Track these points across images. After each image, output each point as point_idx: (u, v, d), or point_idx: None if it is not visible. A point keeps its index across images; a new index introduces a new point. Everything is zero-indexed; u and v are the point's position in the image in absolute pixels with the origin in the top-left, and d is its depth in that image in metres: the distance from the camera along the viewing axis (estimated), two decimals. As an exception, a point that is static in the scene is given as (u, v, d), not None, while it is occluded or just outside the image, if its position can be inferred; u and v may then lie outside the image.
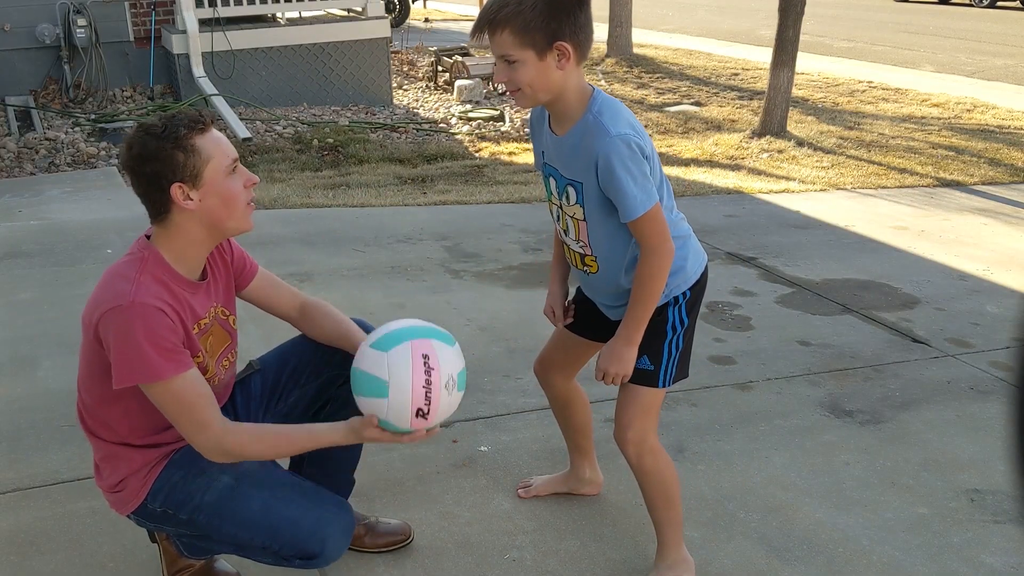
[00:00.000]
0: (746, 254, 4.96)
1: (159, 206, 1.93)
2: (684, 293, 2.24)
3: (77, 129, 7.67)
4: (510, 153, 7.83)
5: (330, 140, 7.71)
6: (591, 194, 2.07)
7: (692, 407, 3.26)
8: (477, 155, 7.74)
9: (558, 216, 2.21)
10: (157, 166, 1.88)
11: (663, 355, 2.22)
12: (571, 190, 2.12)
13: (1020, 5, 23.46)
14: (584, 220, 2.13)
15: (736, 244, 5.12)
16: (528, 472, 2.83)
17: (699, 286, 2.28)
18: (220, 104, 8.05)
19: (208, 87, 8.22)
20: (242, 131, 7.62)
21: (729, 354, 3.71)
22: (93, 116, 8.11)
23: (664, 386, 2.25)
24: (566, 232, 2.21)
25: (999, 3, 23.66)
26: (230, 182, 1.95)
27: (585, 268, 2.22)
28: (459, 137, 8.31)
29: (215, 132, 1.95)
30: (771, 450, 3.00)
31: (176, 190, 1.90)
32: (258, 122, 8.16)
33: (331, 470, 2.31)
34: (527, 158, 7.64)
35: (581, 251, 2.20)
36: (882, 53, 14.10)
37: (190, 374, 1.89)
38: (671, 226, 2.12)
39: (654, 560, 2.36)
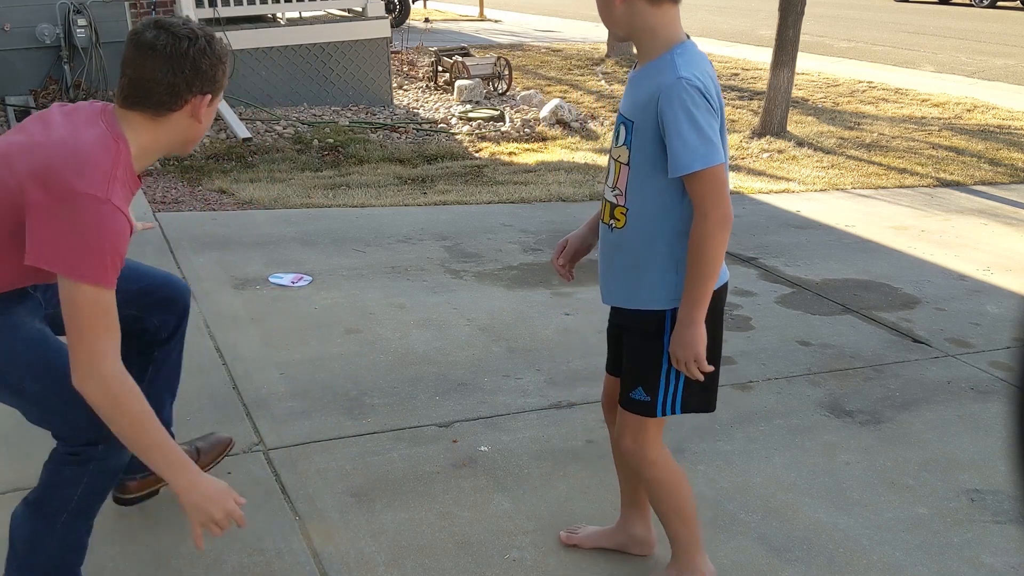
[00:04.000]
0: (746, 254, 4.96)
1: (171, 102, 1.90)
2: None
3: (77, 129, 7.66)
4: (510, 153, 7.83)
5: (330, 140, 7.71)
6: (641, 136, 1.95)
7: (692, 407, 3.26)
8: (477, 155, 7.74)
9: (610, 166, 2.10)
10: (206, 68, 1.91)
11: (659, 384, 2.08)
12: (623, 129, 2.01)
13: (1020, 5, 23.47)
14: (627, 164, 1.99)
15: (736, 244, 5.12)
16: (528, 472, 2.83)
17: (716, 300, 2.06)
18: (220, 104, 8.04)
19: (208, 87, 8.22)
20: (242, 131, 7.62)
21: (729, 354, 3.71)
22: (93, 116, 8.09)
23: (667, 414, 2.12)
24: (606, 179, 2.09)
25: (999, 3, 23.67)
26: (210, 118, 2.02)
27: (612, 222, 2.06)
28: (459, 137, 8.31)
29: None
30: (771, 450, 3.00)
31: (199, 99, 1.93)
32: (258, 122, 8.16)
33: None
34: (527, 158, 7.64)
35: (614, 200, 2.05)
36: (882, 53, 14.10)
37: (113, 293, 1.84)
38: (684, 222, 1.97)
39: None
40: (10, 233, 1.83)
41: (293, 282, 4.18)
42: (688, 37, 1.99)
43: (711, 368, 2.02)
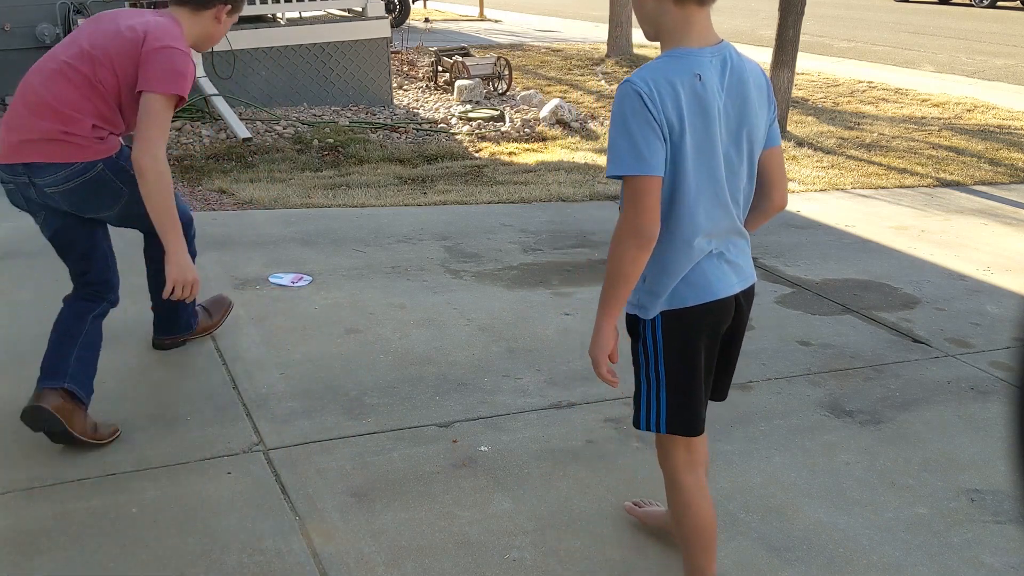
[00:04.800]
0: (746, 254, 4.96)
1: (204, 4, 2.91)
2: (658, 317, 1.99)
3: (77, 129, 7.67)
4: (510, 153, 7.83)
5: (330, 140, 7.71)
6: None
7: (692, 407, 3.26)
8: (477, 155, 7.74)
9: None
10: None
11: (640, 390, 2.05)
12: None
13: (1020, 5, 23.47)
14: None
15: (736, 244, 5.11)
16: (528, 472, 2.83)
17: (688, 318, 1.99)
18: (220, 104, 8.04)
19: (208, 87, 8.22)
20: (242, 131, 7.61)
21: (729, 354, 3.71)
22: (93, 116, 8.10)
23: (647, 430, 2.07)
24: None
25: (999, 3, 23.68)
26: (225, 30, 3.03)
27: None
28: (459, 137, 8.31)
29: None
30: (771, 450, 3.00)
31: (222, 7, 2.94)
32: (258, 122, 8.16)
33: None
34: (527, 158, 7.64)
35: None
36: (882, 53, 14.11)
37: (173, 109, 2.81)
38: (681, 222, 1.92)
39: None
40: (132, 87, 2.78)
41: (293, 282, 4.18)
42: (720, 41, 1.94)
43: (613, 378, 2.00)
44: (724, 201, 1.98)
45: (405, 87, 10.62)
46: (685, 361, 2.01)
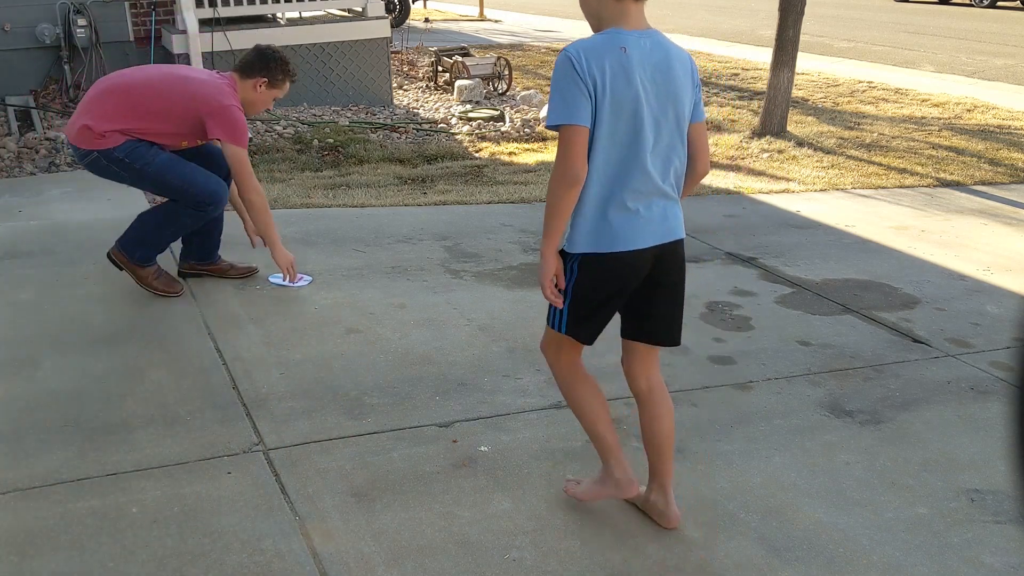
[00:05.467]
0: (746, 254, 4.96)
1: (247, 73, 3.89)
2: (577, 256, 2.33)
3: (77, 129, 7.67)
4: (510, 153, 7.83)
5: (330, 140, 7.70)
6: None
7: (692, 407, 3.26)
8: (477, 155, 7.74)
9: None
10: (266, 68, 3.90)
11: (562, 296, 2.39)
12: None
13: (1020, 5, 23.48)
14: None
15: (736, 244, 5.12)
16: (528, 472, 2.83)
17: (599, 263, 2.31)
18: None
19: (208, 87, 8.22)
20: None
21: (729, 354, 3.71)
22: (93, 116, 8.11)
23: (555, 327, 2.43)
24: None
25: (999, 3, 23.68)
26: (267, 101, 3.98)
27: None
28: (459, 137, 8.31)
29: (288, 87, 4.03)
30: (771, 450, 3.00)
31: (260, 80, 3.90)
32: (258, 122, 8.16)
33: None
34: (527, 158, 7.64)
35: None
36: (882, 53, 14.11)
37: (247, 150, 3.86)
38: (599, 175, 2.26)
39: None
40: (187, 121, 3.80)
41: (293, 282, 4.17)
42: (650, 28, 2.30)
43: (558, 299, 2.36)
44: (645, 163, 2.28)
45: (405, 87, 10.61)
46: (590, 296, 2.37)
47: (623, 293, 2.38)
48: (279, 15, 9.57)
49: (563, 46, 12.07)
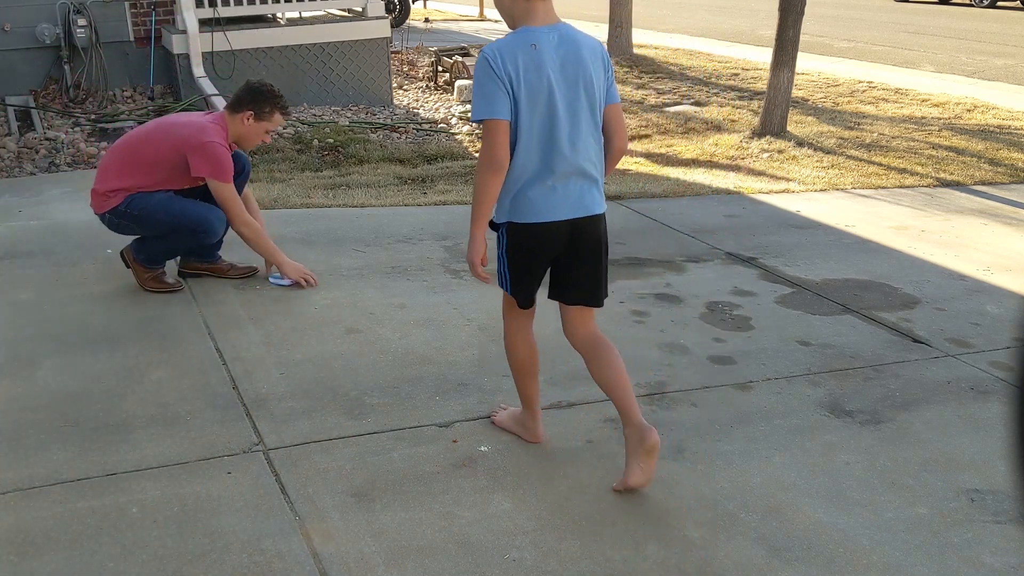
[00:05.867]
0: (746, 254, 4.96)
1: (235, 108, 3.99)
2: (503, 225, 2.64)
3: (77, 129, 7.67)
4: (510, 153, 7.82)
5: (330, 140, 7.70)
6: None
7: (692, 407, 3.26)
8: (477, 155, 7.74)
9: None
10: (253, 101, 3.97)
11: (498, 261, 2.73)
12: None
13: (1020, 5, 23.48)
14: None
15: (736, 244, 5.12)
16: (528, 472, 2.83)
17: (521, 231, 2.62)
18: (220, 104, 8.04)
19: (208, 87, 8.22)
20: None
21: (729, 354, 3.71)
22: (93, 116, 8.10)
23: (502, 287, 2.78)
24: None
25: (999, 3, 23.68)
26: (259, 134, 4.05)
27: None
28: (459, 137, 8.31)
29: (282, 119, 4.09)
30: (771, 450, 3.00)
31: (247, 114, 3.97)
32: (258, 122, 8.15)
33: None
34: (527, 158, 7.64)
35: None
36: (882, 53, 14.11)
37: (233, 186, 3.98)
38: (521, 159, 2.53)
39: None
40: (175, 165, 3.92)
41: (294, 282, 4.18)
42: (558, 22, 2.55)
43: (483, 276, 2.65)
44: (562, 147, 2.54)
45: (405, 87, 10.61)
46: (517, 262, 2.69)
47: (544, 259, 2.69)
48: (279, 15, 9.57)
49: (563, 46, 11.76)
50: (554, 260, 2.70)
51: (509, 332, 2.90)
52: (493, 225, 2.67)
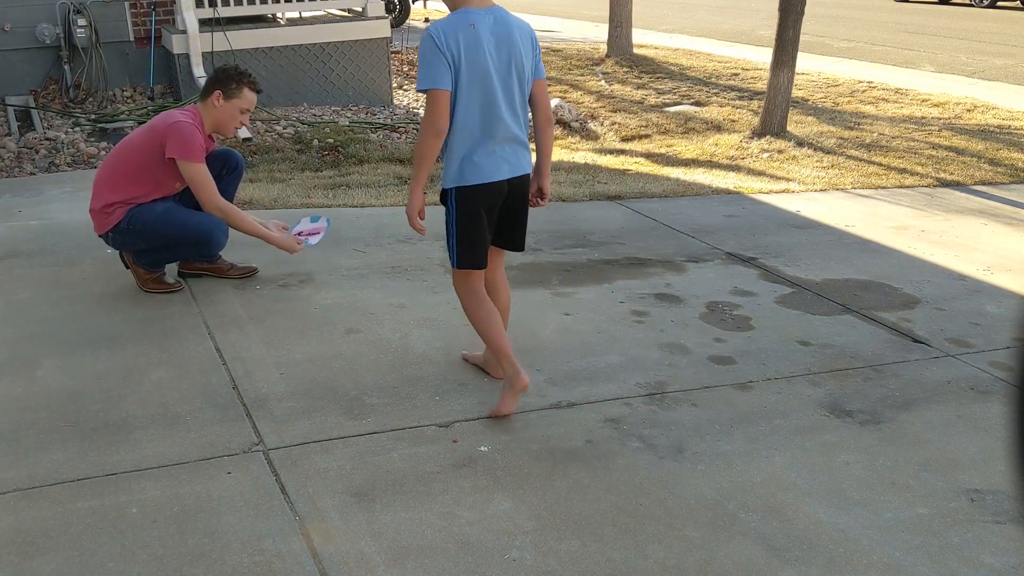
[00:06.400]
0: (746, 254, 4.96)
1: (210, 90, 3.92)
2: (450, 192, 2.98)
3: (77, 129, 7.67)
4: (510, 153, 7.82)
5: (330, 140, 7.70)
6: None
7: (692, 407, 3.26)
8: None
9: None
10: (221, 82, 3.93)
11: (447, 237, 3.05)
12: None
13: (1020, 5, 23.48)
14: None
15: (736, 244, 5.12)
16: (528, 472, 2.83)
17: (469, 192, 2.97)
18: (220, 104, 8.04)
19: (208, 87, 8.21)
20: (242, 131, 7.61)
21: (729, 354, 3.71)
22: (93, 116, 8.10)
23: (455, 266, 3.08)
24: None
25: (999, 3, 23.68)
26: (233, 115, 3.97)
27: None
28: (459, 137, 8.30)
29: (253, 95, 4.00)
30: (771, 450, 3.00)
31: (217, 95, 3.91)
32: (258, 122, 8.16)
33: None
34: (527, 158, 7.64)
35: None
36: (882, 53, 14.11)
37: (205, 167, 3.87)
38: (462, 126, 2.87)
39: None
40: (158, 161, 3.88)
41: (306, 232, 4.23)
42: (493, 5, 2.89)
43: (420, 227, 3.01)
44: (499, 114, 2.91)
45: (405, 87, 10.61)
46: (468, 221, 3.00)
47: (491, 215, 3.05)
48: (279, 15, 9.57)
49: (563, 46, 12.13)
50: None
51: (469, 304, 3.15)
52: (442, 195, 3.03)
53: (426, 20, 17.12)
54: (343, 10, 9.83)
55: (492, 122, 2.90)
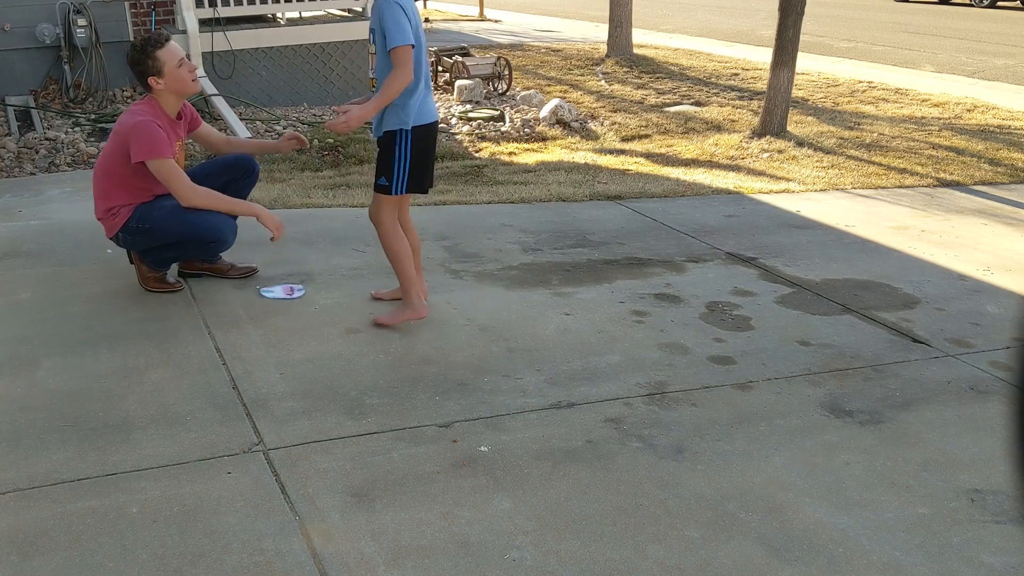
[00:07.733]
0: (746, 254, 4.96)
1: (143, 81, 3.83)
2: (407, 131, 3.58)
3: (77, 129, 7.67)
4: (510, 153, 7.83)
5: (330, 140, 7.70)
6: (377, 37, 3.51)
7: (692, 407, 3.26)
8: (477, 155, 7.74)
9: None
10: (140, 68, 3.82)
11: (393, 174, 3.63)
12: (371, 34, 3.58)
13: (1020, 5, 23.48)
14: (374, 54, 3.57)
15: (736, 244, 5.12)
16: (528, 472, 2.83)
17: (421, 131, 3.61)
18: (220, 104, 8.04)
19: (208, 87, 8.22)
20: (242, 131, 7.61)
21: (729, 354, 3.71)
22: (93, 116, 8.10)
23: (397, 194, 3.67)
24: (371, 65, 3.64)
25: (999, 3, 23.68)
26: (177, 77, 3.85)
27: (373, 89, 3.59)
28: (459, 137, 8.31)
29: (171, 44, 3.86)
30: (771, 450, 3.00)
31: (151, 79, 3.82)
32: (258, 122, 8.16)
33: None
34: (527, 158, 7.65)
35: (374, 75, 3.62)
36: (882, 53, 14.11)
37: (173, 160, 3.81)
38: (416, 78, 3.48)
39: None
40: (125, 163, 3.83)
41: (287, 295, 4.11)
42: None
43: (341, 125, 3.45)
44: (427, 71, 3.65)
45: (405, 87, 10.61)
46: (418, 154, 3.64)
47: (432, 150, 3.73)
48: (279, 15, 9.57)
49: (563, 46, 12.12)
50: None
51: (392, 233, 3.71)
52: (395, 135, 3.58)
53: (426, 20, 17.11)
54: (343, 10, 9.83)
55: (427, 76, 3.65)
